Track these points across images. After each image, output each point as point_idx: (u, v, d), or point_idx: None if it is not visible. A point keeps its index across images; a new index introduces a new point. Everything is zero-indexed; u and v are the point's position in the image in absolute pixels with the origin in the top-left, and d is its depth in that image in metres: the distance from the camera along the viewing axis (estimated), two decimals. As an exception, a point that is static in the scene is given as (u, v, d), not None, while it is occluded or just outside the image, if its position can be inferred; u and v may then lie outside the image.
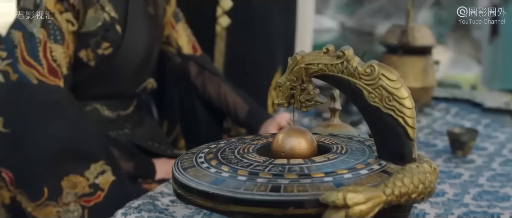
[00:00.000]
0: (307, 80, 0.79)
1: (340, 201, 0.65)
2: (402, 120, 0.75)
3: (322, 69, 0.77)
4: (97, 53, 1.43)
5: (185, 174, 0.75)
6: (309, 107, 0.80)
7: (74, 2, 1.38)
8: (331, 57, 0.77)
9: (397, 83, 0.75)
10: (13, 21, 1.38)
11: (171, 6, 1.66)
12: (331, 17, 6.80)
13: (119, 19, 1.45)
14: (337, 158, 0.78)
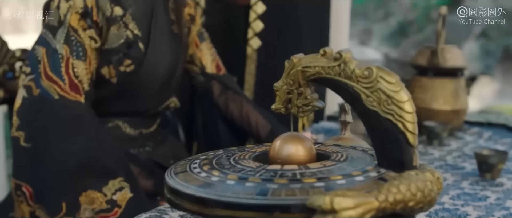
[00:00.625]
0: (305, 84, 0.76)
1: (327, 206, 0.62)
2: (402, 125, 0.71)
3: (319, 72, 0.74)
4: (119, 70, 1.44)
5: (175, 178, 0.73)
6: (307, 113, 0.78)
7: (98, 19, 1.40)
8: (328, 60, 0.74)
9: (396, 86, 0.72)
10: (38, 37, 1.40)
11: (196, 26, 1.66)
12: (375, 48, 6.74)
13: (142, 36, 1.46)
14: (334, 165, 0.75)
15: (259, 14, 2.03)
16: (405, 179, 0.68)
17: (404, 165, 0.72)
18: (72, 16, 1.38)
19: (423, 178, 0.70)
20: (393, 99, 0.71)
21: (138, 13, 1.46)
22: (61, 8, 1.38)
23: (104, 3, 1.41)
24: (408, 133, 0.71)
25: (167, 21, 1.54)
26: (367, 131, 0.75)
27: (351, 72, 0.73)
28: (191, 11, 1.65)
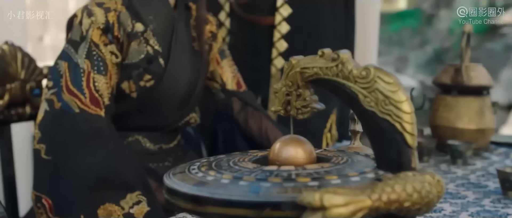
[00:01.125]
0: (303, 85, 0.76)
1: (316, 202, 0.61)
2: (400, 125, 0.70)
3: (317, 73, 0.74)
4: (139, 85, 1.46)
5: (172, 179, 0.74)
6: (306, 114, 0.77)
7: (119, 34, 1.43)
8: (326, 61, 0.74)
9: (393, 86, 0.71)
10: (61, 52, 1.44)
11: (217, 43, 1.68)
12: (411, 76, 6.68)
13: (162, 52, 1.48)
14: (332, 167, 0.74)
15: (283, 34, 2.04)
16: (401, 179, 0.67)
17: (402, 166, 0.71)
18: (94, 32, 1.41)
19: (420, 179, 0.69)
20: (390, 99, 0.70)
21: (159, 29, 1.49)
22: (83, 24, 1.41)
23: (125, 19, 1.44)
24: (406, 134, 0.70)
25: (188, 38, 1.56)
26: (366, 132, 0.74)
27: (348, 72, 0.72)
28: (212, 29, 1.67)
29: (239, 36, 2.11)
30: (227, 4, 2.13)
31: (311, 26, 2.05)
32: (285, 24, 2.03)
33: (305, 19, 2.05)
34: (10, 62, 1.74)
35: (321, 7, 2.06)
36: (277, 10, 2.04)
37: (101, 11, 1.41)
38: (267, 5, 2.06)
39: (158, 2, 1.49)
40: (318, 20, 2.05)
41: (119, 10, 1.44)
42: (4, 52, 1.74)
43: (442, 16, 7.23)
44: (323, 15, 2.06)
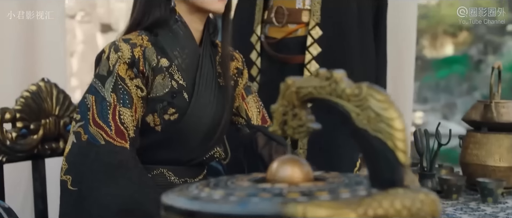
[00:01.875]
0: (299, 105, 0.77)
1: (299, 214, 0.61)
2: (391, 143, 0.70)
3: (311, 92, 0.75)
4: (163, 118, 1.49)
5: (168, 196, 0.75)
6: (302, 134, 0.77)
7: (144, 69, 1.47)
8: (320, 80, 0.75)
9: (385, 103, 0.71)
10: (88, 86, 1.49)
11: (243, 79, 1.70)
12: (458, 123, 6.56)
13: (187, 87, 1.51)
14: (325, 185, 0.74)
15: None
16: (389, 194, 0.67)
17: (394, 184, 0.70)
18: (120, 66, 1.45)
19: (412, 196, 0.68)
20: (382, 117, 0.70)
21: (184, 65, 1.52)
22: (110, 59, 1.46)
23: (150, 54, 1.48)
24: (398, 151, 0.70)
25: (214, 73, 1.59)
26: (360, 151, 0.74)
27: (341, 91, 0.73)
28: (238, 65, 1.69)
29: (270, 75, 2.13)
30: (258, 43, 2.17)
31: (341, 66, 2.04)
32: (315, 63, 2.05)
33: (335, 58, 2.06)
34: (45, 98, 1.81)
35: (351, 46, 2.07)
36: (307, 49, 2.07)
37: (127, 47, 1.46)
38: (297, 44, 2.09)
39: (184, 38, 1.53)
40: (348, 59, 2.06)
41: (145, 46, 1.49)
42: (40, 89, 1.81)
43: (490, 62, 7.12)
44: (353, 54, 2.07)
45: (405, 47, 2.69)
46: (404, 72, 2.68)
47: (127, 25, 1.56)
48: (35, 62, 2.35)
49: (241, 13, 2.24)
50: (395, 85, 2.59)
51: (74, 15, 7.66)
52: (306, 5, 2.09)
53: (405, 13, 2.67)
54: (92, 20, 7.79)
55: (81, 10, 7.56)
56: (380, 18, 2.18)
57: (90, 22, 7.80)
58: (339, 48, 2.06)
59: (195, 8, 1.52)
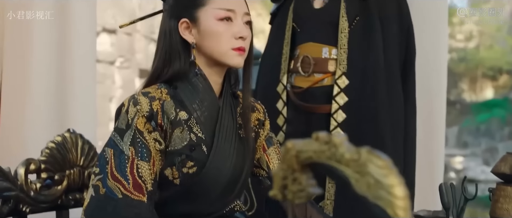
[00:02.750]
0: (299, 169, 0.74)
1: None
2: (391, 211, 0.67)
3: (311, 157, 0.73)
4: (182, 171, 1.48)
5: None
6: (302, 199, 0.75)
7: (162, 122, 1.47)
8: (320, 144, 0.72)
9: (385, 169, 0.68)
10: (108, 140, 1.49)
11: (265, 130, 1.68)
12: (491, 166, 6.41)
13: (206, 139, 1.50)
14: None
15: (340, 122, 2.02)
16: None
17: (395, 255, 0.66)
18: (139, 120, 1.45)
19: None
20: (382, 183, 0.67)
21: (203, 117, 1.52)
22: (129, 112, 1.46)
23: (169, 108, 1.48)
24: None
25: (234, 125, 1.57)
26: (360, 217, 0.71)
27: (340, 156, 0.70)
28: (259, 116, 1.68)
29: (296, 124, 2.12)
30: (285, 92, 2.16)
31: (368, 115, 2.03)
32: (342, 112, 2.02)
33: (362, 108, 2.03)
34: (70, 149, 1.83)
35: (378, 94, 2.04)
36: (334, 98, 2.04)
37: (146, 100, 1.46)
38: (323, 94, 2.07)
39: (203, 91, 1.53)
40: (376, 108, 2.03)
41: (164, 99, 1.49)
42: (65, 139, 1.82)
43: (532, 105, 6.96)
44: (381, 103, 2.04)
45: (436, 92, 2.64)
46: (435, 117, 2.63)
47: (147, 77, 1.57)
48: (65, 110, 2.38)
49: (267, 62, 2.24)
50: (425, 131, 2.54)
51: (114, 61, 7.83)
52: (332, 54, 2.08)
53: (436, 56, 2.63)
54: (131, 66, 7.94)
55: (120, 56, 7.72)
56: (408, 65, 2.15)
57: (128, 67, 7.96)
58: (366, 98, 2.03)
59: (214, 62, 1.52)
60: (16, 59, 2.31)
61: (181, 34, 1.53)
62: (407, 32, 2.14)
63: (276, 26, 2.24)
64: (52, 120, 2.37)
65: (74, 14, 2.36)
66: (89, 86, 2.45)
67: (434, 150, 2.56)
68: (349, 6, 2.05)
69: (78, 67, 2.39)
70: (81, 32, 2.40)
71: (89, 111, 2.45)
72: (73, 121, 2.36)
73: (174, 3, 1.55)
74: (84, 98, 2.43)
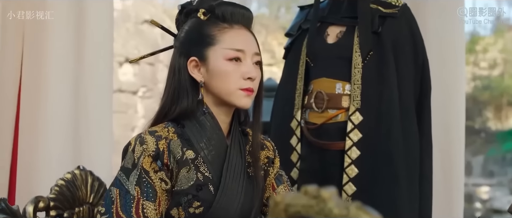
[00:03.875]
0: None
1: None
2: None
3: (299, 211, 0.70)
4: (188, 212, 1.46)
5: None
6: (291, 254, 0.72)
7: (168, 162, 1.45)
8: (309, 198, 0.70)
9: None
10: (114, 179, 1.48)
11: (274, 168, 1.66)
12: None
13: (213, 179, 1.48)
14: None
15: (354, 159, 1.99)
16: None
17: None
18: (145, 159, 1.44)
19: None
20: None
21: (210, 156, 1.50)
22: (135, 152, 1.45)
23: (175, 147, 1.47)
24: None
25: (243, 164, 1.55)
26: None
27: (329, 211, 0.68)
28: (269, 154, 1.65)
29: (310, 161, 2.09)
30: (298, 129, 2.13)
31: (383, 152, 1.99)
32: (356, 149, 1.99)
33: (376, 145, 1.99)
34: (80, 186, 1.82)
35: (393, 131, 2.00)
36: (348, 135, 2.01)
37: (152, 139, 1.45)
38: (338, 130, 2.04)
39: (210, 129, 1.51)
40: (390, 144, 1.99)
41: (171, 138, 1.47)
42: (75, 177, 1.82)
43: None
44: (395, 139, 2.00)
45: (455, 121, 2.59)
46: (454, 147, 2.57)
47: (155, 114, 1.56)
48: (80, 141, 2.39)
49: (281, 97, 2.22)
50: (443, 162, 2.50)
51: (136, 91, 7.89)
52: (346, 90, 2.05)
53: (454, 85, 2.59)
54: (153, 96, 8.00)
55: (143, 86, 7.79)
56: (423, 101, 2.11)
57: (151, 97, 8.01)
58: (380, 134, 2.00)
59: (222, 101, 1.51)
60: (33, 88, 2.32)
61: (190, 72, 1.52)
62: (422, 66, 2.10)
63: (289, 61, 2.23)
64: (68, 150, 2.37)
65: (90, 45, 2.38)
66: (105, 116, 2.46)
67: (453, 182, 2.50)
68: (362, 41, 2.03)
69: (95, 98, 2.40)
70: (97, 62, 2.40)
71: (105, 141, 2.46)
72: (89, 151, 2.37)
73: (184, 41, 1.55)
74: (100, 129, 2.43)
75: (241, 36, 1.51)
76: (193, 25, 1.55)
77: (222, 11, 1.52)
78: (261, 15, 9.07)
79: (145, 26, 7.29)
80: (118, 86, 7.36)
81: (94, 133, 2.41)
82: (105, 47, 2.43)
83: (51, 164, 2.31)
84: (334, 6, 2.18)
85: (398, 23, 2.08)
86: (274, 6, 9.04)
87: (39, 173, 2.30)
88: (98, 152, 2.41)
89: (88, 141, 2.40)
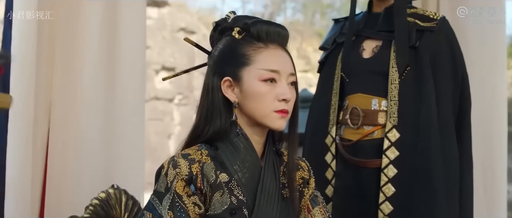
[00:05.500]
0: None
1: None
2: None
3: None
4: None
5: None
6: None
7: (202, 186, 1.43)
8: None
9: None
10: (146, 203, 1.47)
11: (309, 189, 1.62)
12: None
13: (247, 202, 1.46)
14: None
15: (390, 177, 1.94)
16: None
17: None
18: (178, 183, 1.42)
19: None
20: None
21: (244, 179, 1.48)
22: (168, 175, 1.44)
23: (209, 170, 1.45)
24: None
25: (277, 185, 1.52)
26: None
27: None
28: (304, 174, 1.62)
29: (345, 179, 2.05)
30: (333, 145, 2.09)
31: (421, 170, 1.94)
32: (393, 167, 1.95)
33: (414, 163, 1.94)
34: (114, 205, 1.82)
35: (431, 149, 1.95)
36: (384, 152, 1.97)
37: (185, 163, 1.43)
38: (373, 147, 2.00)
39: (244, 151, 1.49)
40: (428, 163, 1.94)
41: (204, 161, 1.45)
42: (109, 196, 1.82)
43: None
44: (434, 157, 1.95)
45: (496, 129, 2.52)
46: (496, 154, 2.50)
47: (188, 135, 1.54)
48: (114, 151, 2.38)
49: (315, 112, 2.19)
50: (485, 169, 2.43)
51: (173, 98, 7.94)
52: (382, 106, 2.00)
53: (494, 92, 2.52)
54: (189, 103, 8.04)
55: (179, 93, 7.83)
56: (463, 117, 2.05)
57: (187, 104, 8.06)
58: (418, 153, 1.94)
59: (256, 122, 1.49)
60: (65, 102, 2.32)
61: (224, 92, 1.50)
62: (462, 81, 2.05)
63: (324, 76, 2.19)
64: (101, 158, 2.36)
65: (123, 53, 2.37)
66: (138, 125, 2.44)
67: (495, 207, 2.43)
68: (399, 55, 1.98)
69: (128, 106, 2.39)
70: (130, 71, 2.39)
71: (139, 149, 2.45)
72: (122, 160, 2.36)
73: (218, 60, 1.53)
74: (134, 137, 2.42)
75: (276, 57, 1.49)
76: (228, 44, 1.52)
77: (257, 30, 1.50)
78: (295, 21, 9.03)
79: (181, 34, 7.34)
80: (155, 94, 7.43)
81: (127, 141, 2.40)
82: (138, 55, 2.43)
83: (84, 173, 2.30)
84: (370, 19, 2.13)
85: (437, 37, 2.02)
86: (308, 12, 8.98)
87: (72, 180, 2.29)
88: (131, 160, 2.41)
89: (121, 149, 2.39)
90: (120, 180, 2.31)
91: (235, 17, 1.55)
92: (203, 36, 8.27)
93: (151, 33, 7.14)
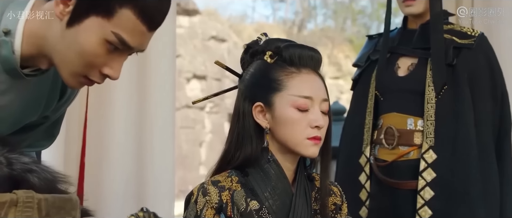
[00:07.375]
0: None
1: None
2: None
3: None
4: (251, 257, 1.40)
5: None
6: None
7: (231, 214, 1.40)
8: None
9: None
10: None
11: (342, 215, 1.57)
12: None
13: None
14: None
15: (427, 200, 1.88)
16: None
17: None
18: (208, 211, 1.39)
19: None
20: None
21: (275, 206, 1.44)
22: (198, 203, 1.41)
23: (239, 198, 1.41)
24: None
25: (309, 212, 1.48)
26: None
27: None
28: (336, 200, 1.57)
29: (380, 200, 2.00)
30: (368, 165, 2.04)
31: (459, 193, 1.87)
32: (429, 190, 1.88)
33: (451, 185, 1.88)
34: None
35: (470, 170, 1.88)
36: (420, 174, 1.91)
37: (215, 190, 1.40)
38: (410, 168, 1.94)
39: (275, 178, 1.45)
40: (467, 185, 1.87)
41: (234, 189, 1.42)
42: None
43: None
44: (473, 179, 1.88)
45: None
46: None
47: (218, 161, 1.51)
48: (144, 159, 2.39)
49: (349, 131, 2.14)
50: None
51: (204, 106, 7.95)
52: (418, 126, 1.94)
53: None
54: (220, 111, 8.04)
55: (210, 101, 7.83)
56: (503, 137, 1.97)
57: (218, 112, 8.06)
58: (456, 175, 1.88)
59: (288, 149, 1.45)
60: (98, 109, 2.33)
61: (255, 117, 1.46)
62: (501, 100, 1.97)
63: (358, 94, 2.14)
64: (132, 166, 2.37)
65: (154, 62, 2.37)
66: (168, 133, 2.45)
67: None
68: (436, 74, 1.92)
69: (158, 114, 2.39)
70: (161, 79, 2.40)
71: (169, 156, 2.44)
72: (153, 167, 2.37)
73: (249, 84, 1.49)
74: (163, 145, 2.42)
75: (309, 82, 1.44)
76: (259, 68, 1.49)
77: (289, 54, 1.46)
78: (326, 28, 8.97)
79: (212, 42, 7.34)
80: (186, 102, 7.44)
81: (157, 149, 2.41)
82: (168, 64, 2.43)
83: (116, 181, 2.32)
84: (405, 36, 2.07)
85: (474, 55, 1.96)
86: (339, 18, 8.92)
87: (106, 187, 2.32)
88: (162, 168, 2.41)
89: (152, 157, 2.40)
90: (151, 188, 2.33)
91: (267, 40, 1.51)
92: (233, 44, 8.28)
93: (183, 42, 7.16)
